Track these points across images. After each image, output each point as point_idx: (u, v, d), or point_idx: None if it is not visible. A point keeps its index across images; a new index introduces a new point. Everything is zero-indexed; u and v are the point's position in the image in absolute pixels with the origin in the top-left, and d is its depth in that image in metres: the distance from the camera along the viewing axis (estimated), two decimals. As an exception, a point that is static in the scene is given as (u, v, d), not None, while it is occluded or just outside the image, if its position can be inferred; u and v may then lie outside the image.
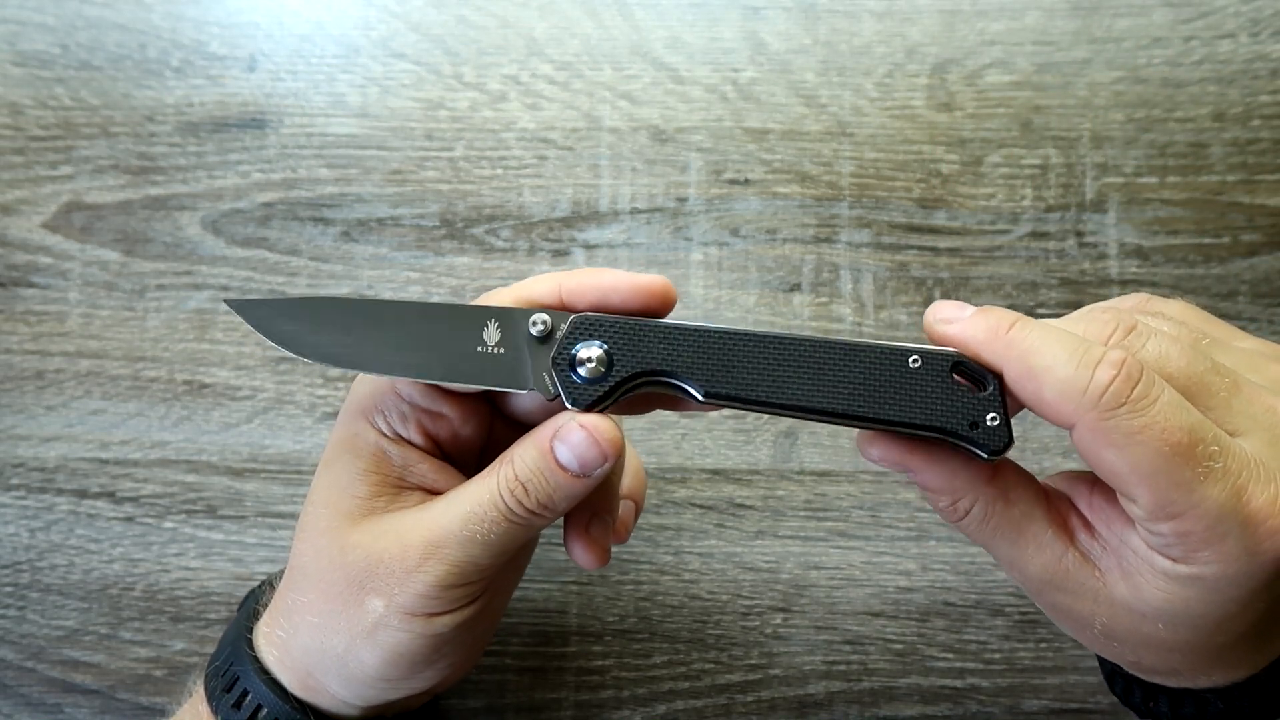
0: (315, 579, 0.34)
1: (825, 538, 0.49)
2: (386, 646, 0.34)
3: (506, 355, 0.33)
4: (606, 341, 0.33)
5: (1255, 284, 0.50)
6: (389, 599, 0.33)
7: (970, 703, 0.47)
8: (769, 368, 0.33)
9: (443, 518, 0.33)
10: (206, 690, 0.37)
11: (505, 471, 0.33)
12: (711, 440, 0.49)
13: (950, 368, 0.32)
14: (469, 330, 0.34)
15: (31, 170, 0.52)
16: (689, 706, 0.47)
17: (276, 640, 0.36)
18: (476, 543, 0.33)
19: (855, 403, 0.32)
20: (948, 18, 0.52)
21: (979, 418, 0.32)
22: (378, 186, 0.51)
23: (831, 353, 0.33)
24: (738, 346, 0.33)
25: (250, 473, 0.49)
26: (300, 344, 0.34)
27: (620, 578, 0.48)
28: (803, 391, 0.32)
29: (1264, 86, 0.51)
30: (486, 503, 0.33)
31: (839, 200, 0.51)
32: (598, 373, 0.33)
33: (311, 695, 0.36)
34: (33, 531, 0.49)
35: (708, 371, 0.33)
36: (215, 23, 0.53)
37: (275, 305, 0.34)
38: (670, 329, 0.33)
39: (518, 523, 0.33)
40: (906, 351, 0.32)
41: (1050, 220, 0.51)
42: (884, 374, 0.32)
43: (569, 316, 0.33)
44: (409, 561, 0.33)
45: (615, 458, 0.33)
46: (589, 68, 0.52)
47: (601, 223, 0.51)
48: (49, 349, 0.50)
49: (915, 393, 0.32)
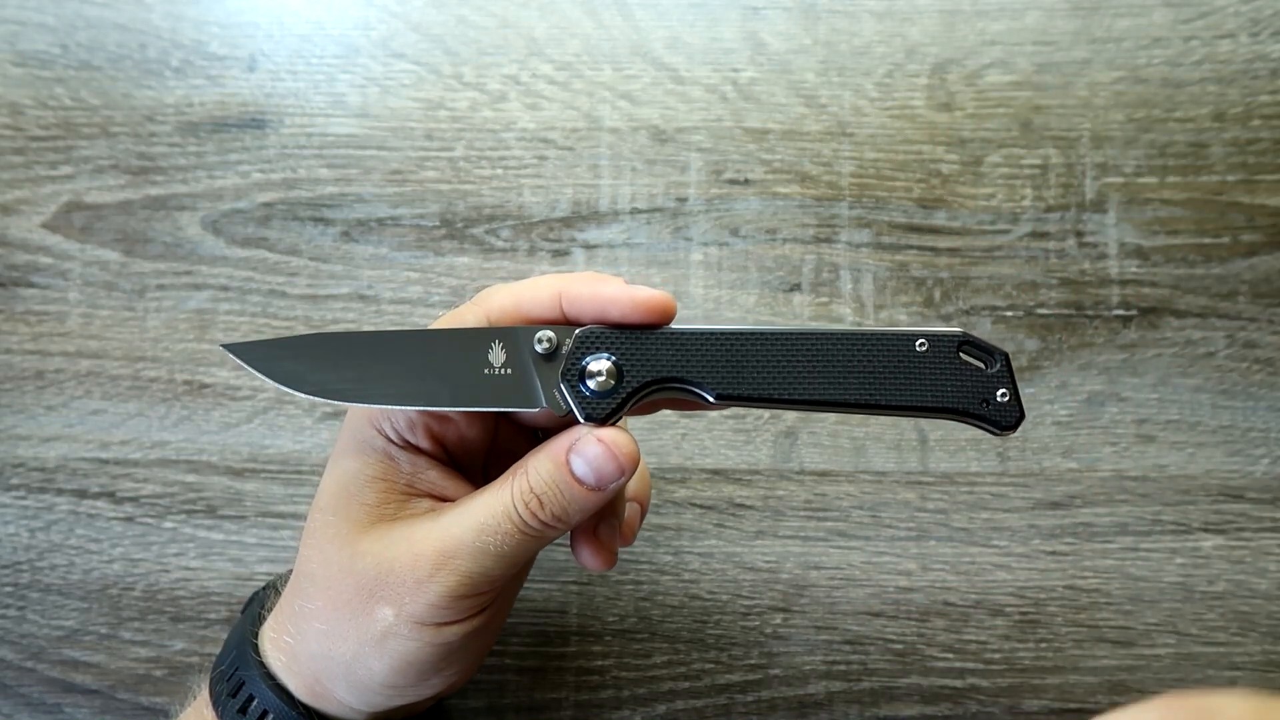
0: (324, 586, 0.34)
1: (825, 538, 0.49)
2: (395, 655, 0.34)
3: (514, 375, 0.33)
4: (614, 354, 0.33)
5: (1255, 284, 0.50)
6: (399, 608, 0.33)
7: (970, 703, 0.47)
8: (778, 365, 0.33)
9: (455, 528, 0.33)
10: (211, 694, 0.37)
11: (519, 484, 0.33)
12: (711, 440, 0.49)
13: (957, 347, 0.32)
14: (473, 353, 0.33)
15: (31, 170, 0.52)
16: (689, 706, 0.47)
17: (283, 646, 0.36)
18: (489, 554, 0.33)
19: (867, 392, 0.33)
20: (948, 18, 0.52)
21: (990, 395, 0.32)
22: (378, 186, 0.51)
23: (839, 344, 0.33)
24: (746, 346, 0.33)
25: (250, 473, 0.49)
26: (303, 382, 0.34)
27: (620, 578, 0.48)
28: (813, 385, 0.33)
29: (1264, 86, 0.51)
30: (500, 514, 0.33)
31: (839, 200, 0.51)
32: (608, 385, 0.33)
33: (318, 701, 0.36)
34: (33, 531, 0.49)
35: (718, 374, 0.33)
36: (215, 23, 0.53)
37: (274, 345, 0.34)
38: (677, 336, 0.33)
39: (531, 535, 0.33)
40: (913, 336, 0.33)
41: (1050, 220, 0.51)
42: (893, 360, 0.33)
43: (573, 331, 0.33)
44: (420, 571, 0.33)
45: (632, 471, 0.33)
46: (589, 68, 0.52)
47: (601, 223, 0.51)
48: (49, 349, 0.50)
49: (925, 376, 0.32)
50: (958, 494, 0.49)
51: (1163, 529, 0.48)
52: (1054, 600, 0.48)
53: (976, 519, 0.49)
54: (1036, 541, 0.48)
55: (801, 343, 0.33)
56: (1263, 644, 0.47)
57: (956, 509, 0.49)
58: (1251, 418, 0.49)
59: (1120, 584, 0.48)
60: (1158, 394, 0.49)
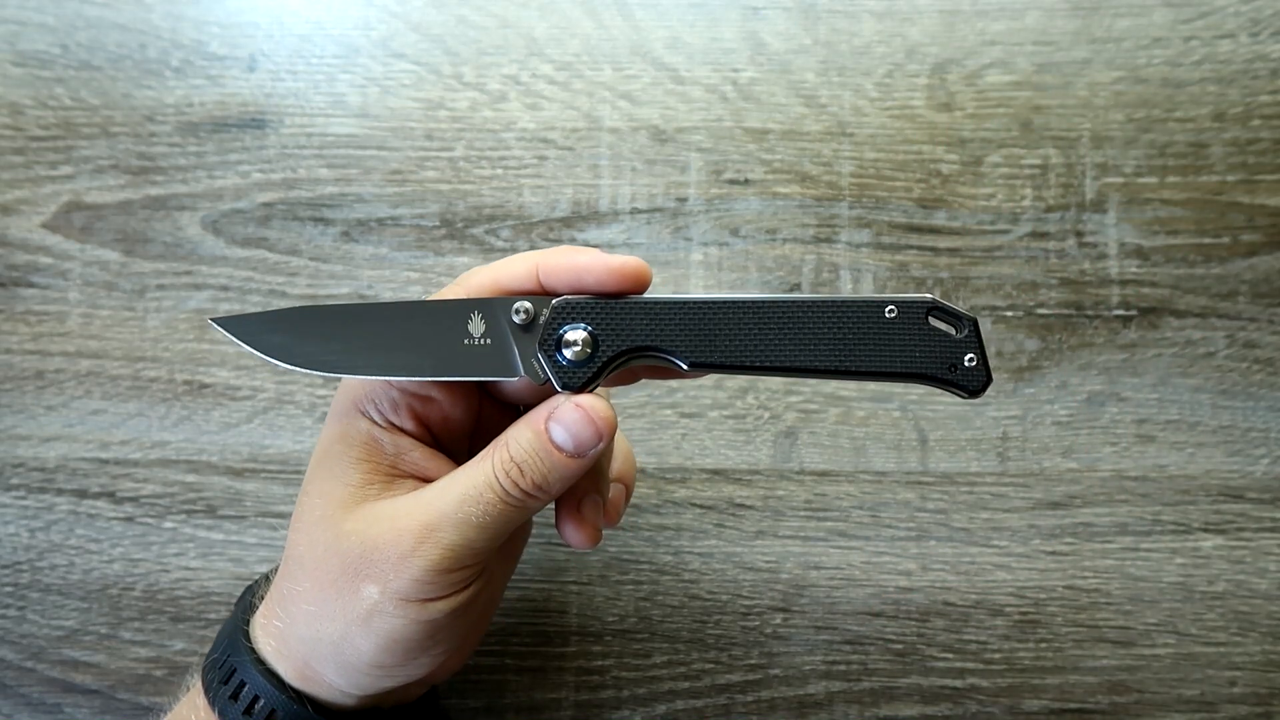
0: (310, 567, 0.35)
1: (825, 538, 0.49)
2: (381, 633, 0.34)
3: (493, 345, 0.34)
4: (590, 323, 0.34)
5: (1255, 284, 0.50)
6: (384, 585, 0.33)
7: (970, 703, 0.47)
8: (750, 332, 0.34)
9: (437, 501, 0.34)
10: (204, 682, 0.37)
11: (500, 454, 0.34)
12: (711, 440, 0.49)
13: (926, 313, 0.33)
14: (453, 325, 0.34)
15: (31, 170, 0.52)
16: (689, 706, 0.47)
17: (273, 630, 0.36)
18: (471, 525, 0.33)
19: (837, 357, 0.33)
20: (948, 18, 0.52)
21: (957, 360, 0.33)
22: (378, 186, 0.51)
23: (810, 311, 0.33)
24: (718, 315, 0.34)
25: (250, 473, 0.49)
26: (290, 354, 0.34)
27: (620, 578, 0.48)
28: (785, 351, 0.33)
29: (1264, 86, 0.51)
30: (482, 484, 0.33)
31: (839, 200, 0.51)
32: (584, 354, 0.34)
33: (309, 685, 0.36)
34: (33, 531, 0.49)
35: (691, 342, 0.34)
36: (215, 23, 0.53)
37: (261, 319, 0.35)
38: (651, 305, 0.34)
39: (513, 504, 0.34)
40: (883, 302, 0.33)
41: (1050, 220, 0.51)
42: (863, 327, 0.33)
43: (550, 301, 0.34)
44: (403, 546, 0.33)
45: (610, 436, 0.34)
46: (589, 68, 0.52)
47: (601, 223, 0.51)
48: (49, 349, 0.50)
49: (894, 341, 0.33)
50: (958, 494, 0.49)
51: (1163, 529, 0.48)
52: (1054, 600, 0.48)
53: (976, 519, 0.49)
54: (1036, 541, 0.48)
55: (773, 310, 0.34)
56: (1263, 644, 0.47)
57: (956, 509, 0.49)
58: (1251, 418, 0.49)
59: (1120, 584, 0.48)
60: (1158, 394, 0.49)
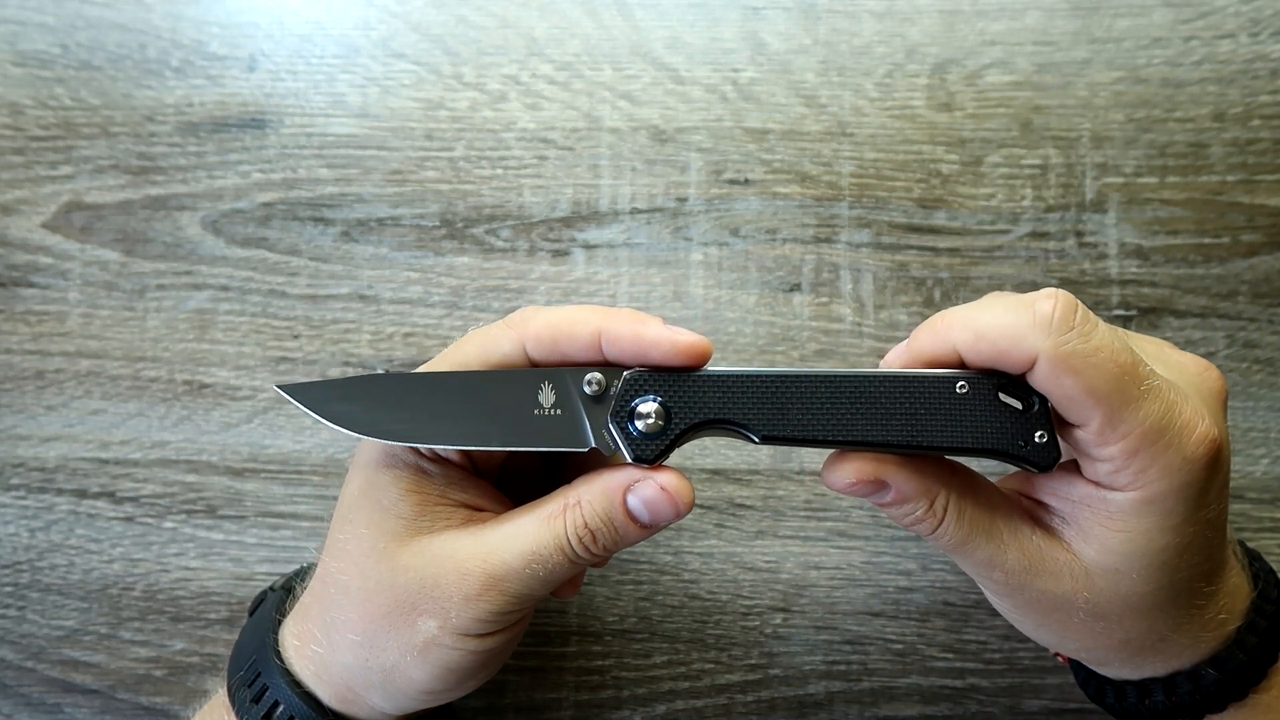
0: (360, 599, 0.35)
1: (825, 538, 0.49)
2: (438, 664, 0.35)
3: (563, 416, 0.34)
4: (662, 395, 0.34)
5: (1255, 284, 0.50)
6: (444, 620, 0.34)
7: (970, 703, 0.47)
8: (821, 406, 0.34)
9: (504, 553, 0.34)
10: (233, 699, 0.37)
11: (573, 518, 0.34)
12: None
13: (997, 389, 0.33)
14: (523, 394, 0.34)
15: (31, 170, 0.52)
16: (689, 706, 0.47)
17: (311, 655, 0.37)
18: (537, 579, 0.34)
19: (909, 433, 0.33)
20: (948, 18, 0.52)
21: (1028, 436, 0.33)
22: (378, 186, 0.51)
23: (881, 386, 0.33)
24: (790, 389, 0.34)
25: (250, 473, 0.49)
26: (357, 422, 0.34)
27: (620, 578, 0.48)
28: (856, 426, 0.33)
29: (1264, 86, 0.51)
30: (551, 546, 0.34)
31: (839, 200, 0.51)
32: (657, 426, 0.34)
33: (348, 707, 0.37)
34: (33, 531, 0.49)
35: (764, 416, 0.34)
36: (215, 23, 0.53)
37: (329, 386, 0.35)
38: (724, 378, 0.34)
39: (578, 564, 0.35)
40: (953, 378, 0.33)
41: (1050, 220, 0.51)
42: (934, 402, 0.33)
43: (622, 373, 0.34)
44: (468, 590, 0.34)
45: (687, 513, 0.34)
46: (589, 68, 0.52)
47: (601, 223, 0.51)
48: (49, 349, 0.50)
49: (965, 417, 0.33)
50: (958, 494, 0.49)
51: (1163, 529, 0.48)
52: (1054, 600, 0.48)
53: (976, 519, 0.49)
54: (1036, 541, 0.48)
55: (844, 385, 0.34)
56: (1263, 644, 0.47)
57: (956, 509, 0.49)
58: (1251, 418, 0.49)
59: (1120, 584, 0.48)
60: (1158, 394, 0.49)
